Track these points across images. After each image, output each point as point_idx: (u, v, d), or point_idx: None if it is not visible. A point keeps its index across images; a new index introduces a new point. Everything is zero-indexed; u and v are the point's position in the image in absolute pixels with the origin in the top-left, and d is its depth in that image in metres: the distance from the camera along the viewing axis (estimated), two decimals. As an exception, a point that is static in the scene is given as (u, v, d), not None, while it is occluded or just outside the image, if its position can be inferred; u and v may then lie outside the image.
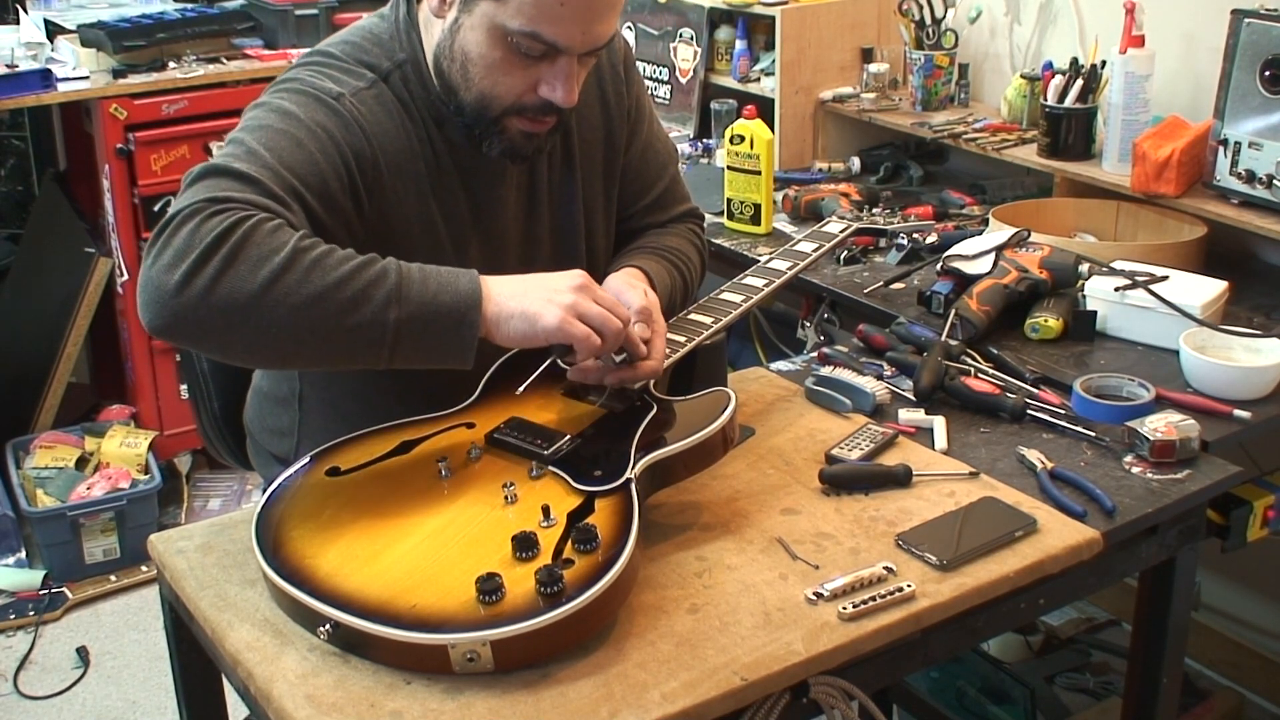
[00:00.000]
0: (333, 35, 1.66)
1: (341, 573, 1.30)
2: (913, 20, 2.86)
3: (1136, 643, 1.78)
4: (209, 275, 1.30)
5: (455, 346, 1.40)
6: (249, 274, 1.31)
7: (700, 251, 1.88)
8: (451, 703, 1.22)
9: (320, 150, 1.48)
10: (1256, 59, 2.16)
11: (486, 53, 1.52)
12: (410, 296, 1.37)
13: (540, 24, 1.47)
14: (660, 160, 1.86)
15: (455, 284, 1.40)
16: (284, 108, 1.50)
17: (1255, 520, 1.84)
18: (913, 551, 1.45)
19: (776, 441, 1.68)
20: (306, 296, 1.33)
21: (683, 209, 1.90)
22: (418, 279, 1.39)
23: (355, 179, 1.51)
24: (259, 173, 1.40)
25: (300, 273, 1.33)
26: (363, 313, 1.35)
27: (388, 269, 1.38)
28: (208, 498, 3.45)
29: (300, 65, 1.59)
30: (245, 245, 1.32)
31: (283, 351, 1.37)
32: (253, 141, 1.44)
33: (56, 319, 3.33)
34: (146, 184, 3.20)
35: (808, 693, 1.31)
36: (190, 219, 1.33)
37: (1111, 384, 1.82)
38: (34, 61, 3.15)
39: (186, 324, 1.32)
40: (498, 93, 1.54)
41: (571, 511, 1.35)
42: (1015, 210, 2.44)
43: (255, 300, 1.31)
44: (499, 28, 1.49)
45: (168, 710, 2.70)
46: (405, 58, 1.60)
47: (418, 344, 1.38)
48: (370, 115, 1.54)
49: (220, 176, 1.39)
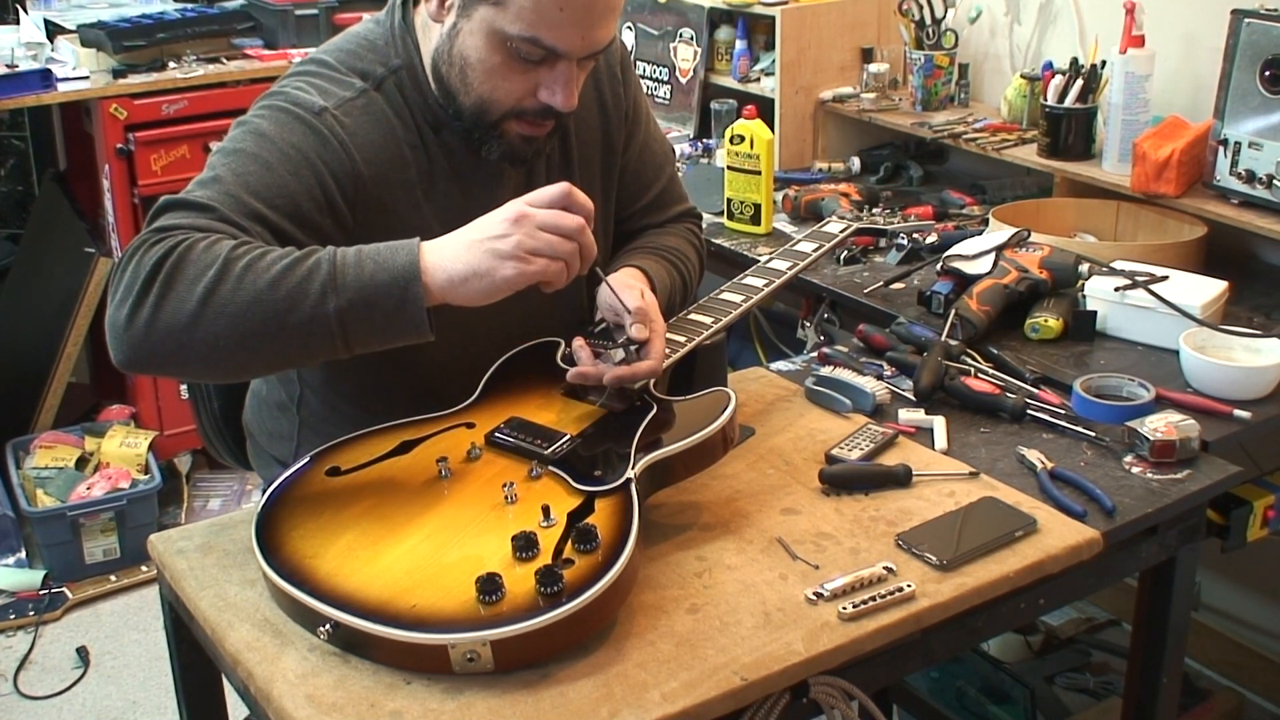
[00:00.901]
0: (330, 41, 1.67)
1: (341, 573, 1.30)
2: (913, 20, 2.86)
3: (1136, 643, 1.78)
4: (151, 304, 1.34)
5: (406, 322, 1.38)
6: (186, 294, 1.34)
7: (699, 251, 1.89)
8: (451, 703, 1.22)
9: (292, 172, 1.48)
10: (1256, 59, 2.16)
11: (486, 58, 1.52)
12: (346, 283, 1.36)
13: (539, 29, 1.47)
14: (657, 161, 1.86)
15: (392, 260, 1.38)
16: (260, 128, 1.51)
17: (1255, 520, 1.84)
18: (913, 551, 1.45)
19: (776, 441, 1.68)
20: (243, 303, 1.34)
21: (680, 209, 1.90)
22: (353, 263, 1.37)
23: (333, 196, 1.52)
24: (215, 199, 1.43)
25: (233, 281, 1.34)
26: (302, 309, 1.35)
27: (320, 260, 1.37)
28: (208, 498, 3.45)
29: (292, 75, 1.60)
30: (181, 266, 1.34)
31: (239, 361, 1.38)
32: (220, 166, 1.47)
33: (56, 319, 3.33)
34: (146, 184, 3.20)
35: (808, 693, 1.31)
36: (135, 253, 1.37)
37: (1111, 384, 1.82)
38: (34, 61, 3.15)
39: (143, 355, 1.36)
40: (497, 97, 1.54)
41: (571, 511, 1.35)
42: (1015, 210, 2.44)
43: (195, 318, 1.33)
44: (498, 33, 1.49)
45: (168, 710, 2.70)
46: (400, 63, 1.60)
47: (367, 328, 1.38)
48: (355, 128, 1.54)
49: (175, 210, 1.42)
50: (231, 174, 1.46)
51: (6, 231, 3.82)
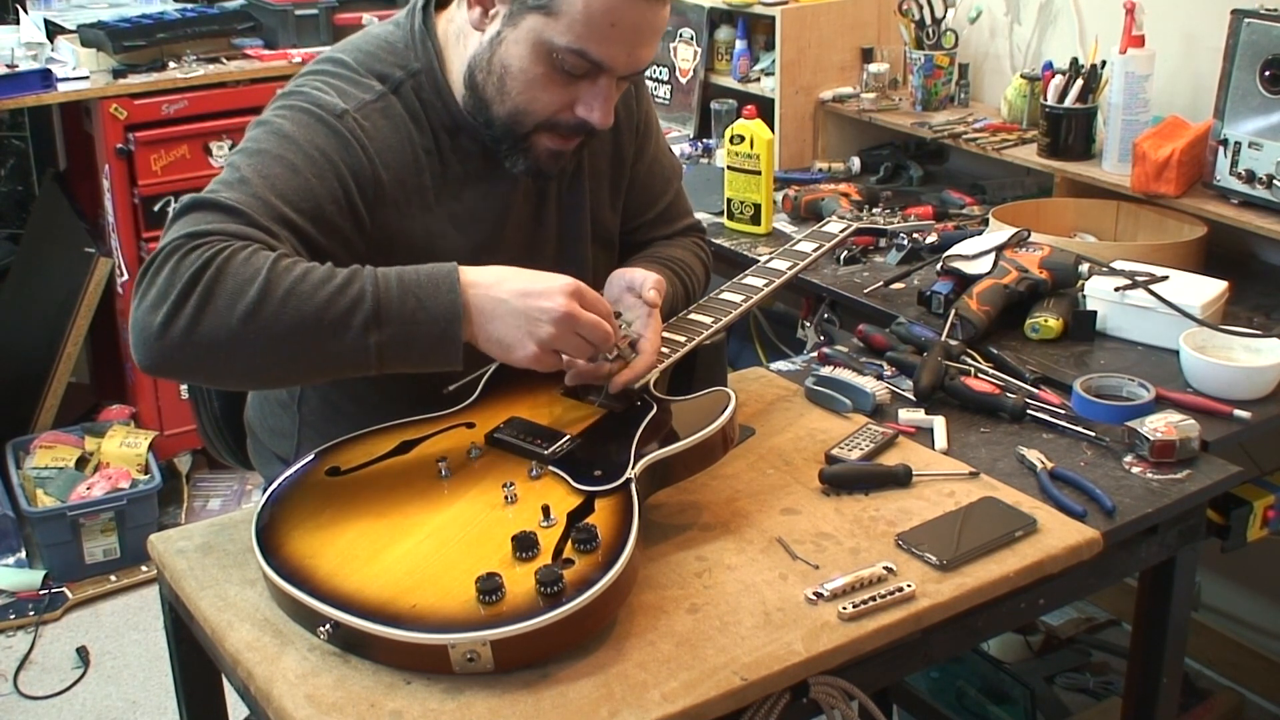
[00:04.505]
0: (347, 39, 1.66)
1: (341, 573, 1.30)
2: (913, 20, 2.86)
3: (1136, 643, 1.78)
4: (188, 315, 1.33)
5: (440, 358, 1.40)
6: (226, 310, 1.33)
7: (704, 265, 1.89)
8: (451, 703, 1.22)
9: (316, 175, 1.48)
10: (1256, 59, 2.16)
11: (528, 67, 1.52)
12: (390, 318, 1.37)
13: (589, 42, 1.49)
14: (665, 175, 1.87)
15: (435, 299, 1.39)
16: (284, 129, 1.50)
17: (1255, 520, 1.84)
18: (913, 551, 1.45)
19: (776, 441, 1.68)
20: (286, 327, 1.34)
21: (686, 223, 1.91)
22: (396, 297, 1.38)
23: (354, 199, 1.52)
24: (245, 203, 1.42)
25: (276, 303, 1.34)
26: (344, 339, 1.36)
27: (364, 292, 1.37)
28: (208, 498, 3.45)
29: (311, 73, 1.59)
30: (220, 279, 1.34)
31: (273, 377, 1.42)
32: (246, 168, 1.46)
33: (56, 319, 3.33)
34: (146, 184, 3.20)
35: (808, 693, 1.31)
36: (170, 257, 1.36)
37: (1111, 384, 1.82)
38: (34, 61, 3.15)
39: (174, 364, 1.36)
40: (534, 108, 1.55)
41: (571, 511, 1.35)
42: (1015, 210, 2.44)
43: (236, 336, 1.33)
44: (545, 43, 1.50)
45: (168, 710, 2.70)
46: (420, 67, 1.60)
47: (403, 359, 1.40)
48: (374, 131, 1.54)
49: (204, 210, 1.41)
50: (258, 176, 1.45)
51: (6, 231, 3.82)
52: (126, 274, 3.27)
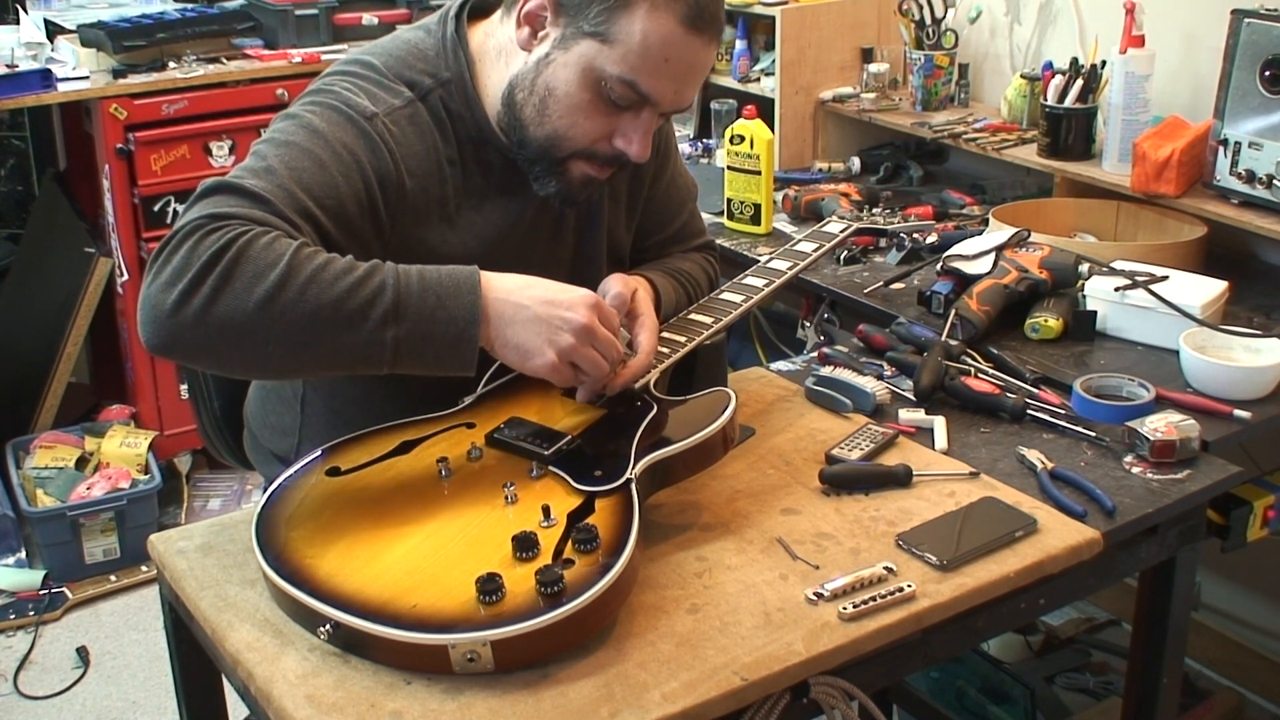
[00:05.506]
0: (376, 42, 1.64)
1: (342, 573, 1.30)
2: (913, 20, 2.86)
3: (1136, 643, 1.78)
4: (204, 295, 1.30)
5: (454, 361, 1.40)
6: (244, 292, 1.31)
7: (711, 279, 1.89)
8: (451, 703, 1.22)
9: (343, 173, 1.47)
10: (1256, 59, 2.16)
11: (574, 92, 1.51)
12: (408, 313, 1.36)
13: (640, 74, 1.48)
14: (681, 196, 1.87)
15: (456, 300, 1.38)
16: (313, 124, 1.49)
17: (1255, 520, 1.84)
18: (913, 551, 1.45)
19: (776, 441, 1.68)
20: (303, 315, 1.33)
21: (698, 242, 1.91)
22: (415, 293, 1.37)
23: (377, 203, 1.51)
24: (270, 191, 1.40)
25: (296, 290, 1.32)
26: (360, 332, 1.35)
27: (385, 285, 1.36)
28: (208, 498, 3.45)
29: (340, 73, 1.58)
30: (240, 262, 1.32)
31: (281, 366, 1.38)
32: (274, 158, 1.44)
33: (56, 319, 3.33)
34: (146, 184, 3.20)
35: (808, 693, 1.31)
36: (189, 237, 1.33)
37: (1111, 384, 1.82)
38: (34, 61, 3.15)
39: (184, 344, 1.33)
40: (573, 134, 1.54)
41: (572, 511, 1.35)
42: (1015, 210, 2.44)
43: (251, 320, 1.31)
44: (595, 70, 1.49)
45: (168, 710, 2.70)
46: (450, 77, 1.58)
47: (417, 359, 1.39)
48: (401, 137, 1.53)
49: (228, 194, 1.39)
50: (285, 167, 1.43)
51: (6, 231, 3.82)
52: (126, 274, 3.27)
